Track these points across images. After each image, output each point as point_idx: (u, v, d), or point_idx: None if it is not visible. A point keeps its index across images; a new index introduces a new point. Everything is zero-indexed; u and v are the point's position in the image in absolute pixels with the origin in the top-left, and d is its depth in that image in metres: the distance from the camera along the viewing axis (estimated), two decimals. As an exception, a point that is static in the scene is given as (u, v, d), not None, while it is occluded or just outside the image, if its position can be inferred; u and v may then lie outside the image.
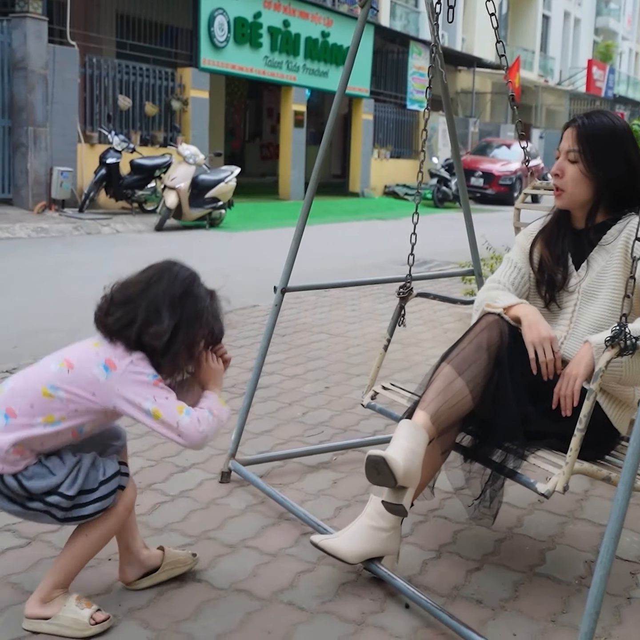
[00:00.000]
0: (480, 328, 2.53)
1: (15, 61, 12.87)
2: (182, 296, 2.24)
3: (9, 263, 9.09)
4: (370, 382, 3.12)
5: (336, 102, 3.27)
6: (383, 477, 2.36)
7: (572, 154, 2.58)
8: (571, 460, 2.23)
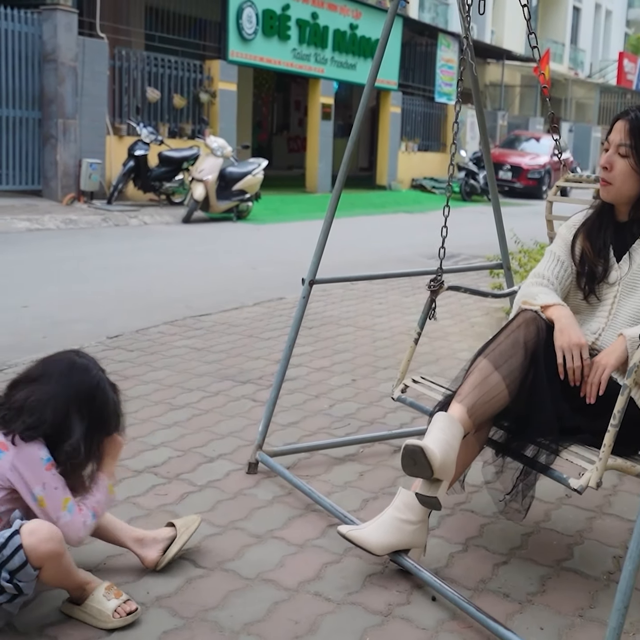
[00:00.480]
0: (517, 324, 2.52)
1: (46, 53, 12.95)
2: (91, 395, 2.22)
3: (38, 254, 9.17)
4: (400, 376, 3.11)
5: (365, 94, 3.27)
6: (419, 468, 2.35)
7: (623, 148, 2.54)
8: (605, 456, 2.21)
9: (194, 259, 9.34)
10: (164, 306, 6.49)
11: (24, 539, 2.06)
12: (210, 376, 4.56)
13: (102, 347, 5.07)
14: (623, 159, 2.55)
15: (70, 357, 2.27)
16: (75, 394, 2.18)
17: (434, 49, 24.14)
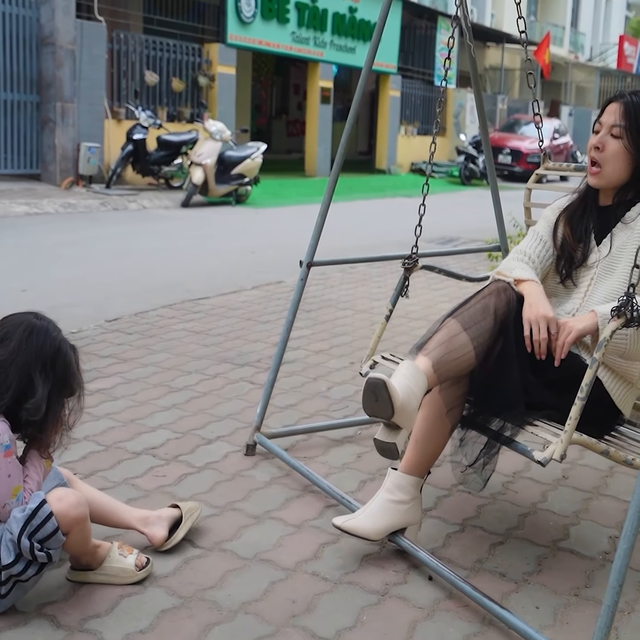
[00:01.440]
0: (489, 291, 2.50)
1: (44, 36, 12.90)
2: (53, 357, 2.21)
3: (37, 238, 9.16)
4: (370, 352, 3.09)
5: (363, 78, 3.26)
6: (381, 405, 2.28)
7: (617, 129, 2.52)
8: (570, 429, 2.18)
9: (193, 243, 9.33)
10: (163, 290, 6.49)
11: (54, 505, 2.12)
12: (209, 359, 4.57)
13: (100, 331, 5.07)
14: (616, 140, 2.53)
15: (29, 319, 2.26)
16: (37, 356, 2.18)
17: (434, 32, 24.02)
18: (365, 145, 26.85)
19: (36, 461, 2.27)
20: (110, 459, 3.19)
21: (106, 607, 2.23)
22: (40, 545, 2.09)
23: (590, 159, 2.60)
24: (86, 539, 2.27)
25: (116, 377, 4.18)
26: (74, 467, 3.07)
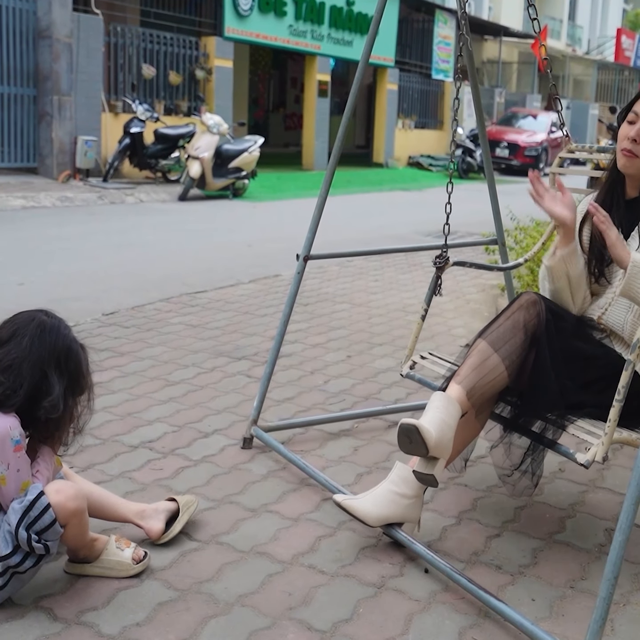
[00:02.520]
0: (518, 306, 2.52)
1: (40, 29, 12.86)
2: (66, 354, 2.21)
3: (34, 232, 9.15)
4: (408, 352, 3.10)
5: (359, 71, 3.25)
6: (415, 446, 2.36)
7: None
8: (610, 431, 2.23)
9: (190, 236, 9.32)
10: (160, 283, 6.49)
11: (52, 497, 2.12)
12: (206, 352, 4.57)
13: (97, 324, 5.07)
14: None
15: (40, 317, 2.24)
16: (50, 353, 2.18)
17: (431, 26, 23.98)
18: (362, 138, 26.80)
19: (48, 457, 2.27)
20: (107, 453, 3.19)
21: (103, 600, 2.24)
22: (37, 537, 2.10)
23: (624, 149, 2.56)
24: (83, 531, 2.28)
25: (113, 371, 4.18)
26: (71, 461, 3.07)
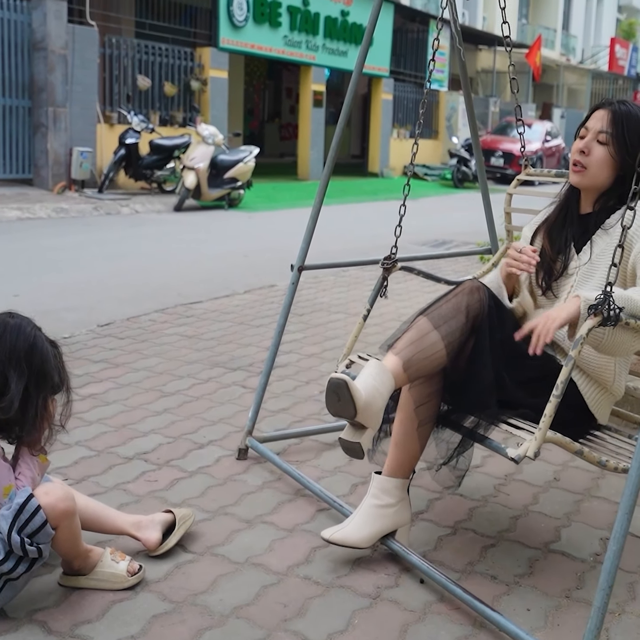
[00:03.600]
0: (461, 289, 2.50)
1: (35, 41, 12.89)
2: (28, 353, 2.21)
3: (29, 243, 9.15)
4: (346, 351, 3.10)
5: (353, 81, 3.27)
6: (343, 405, 2.28)
7: (603, 135, 2.53)
8: (544, 426, 2.17)
9: (186, 247, 9.33)
10: (155, 294, 6.49)
11: (41, 499, 2.12)
12: (201, 363, 4.57)
13: (92, 335, 5.07)
14: (602, 146, 2.53)
15: (2, 318, 2.26)
16: (9, 354, 2.18)
17: (426, 36, 24.05)
18: (358, 148, 26.86)
19: (27, 458, 2.27)
20: (102, 464, 3.19)
21: (97, 613, 2.23)
22: (30, 540, 2.09)
23: (574, 161, 2.61)
24: (75, 536, 2.26)
25: (108, 382, 4.18)
26: (66, 473, 3.07)
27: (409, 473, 2.60)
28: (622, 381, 2.52)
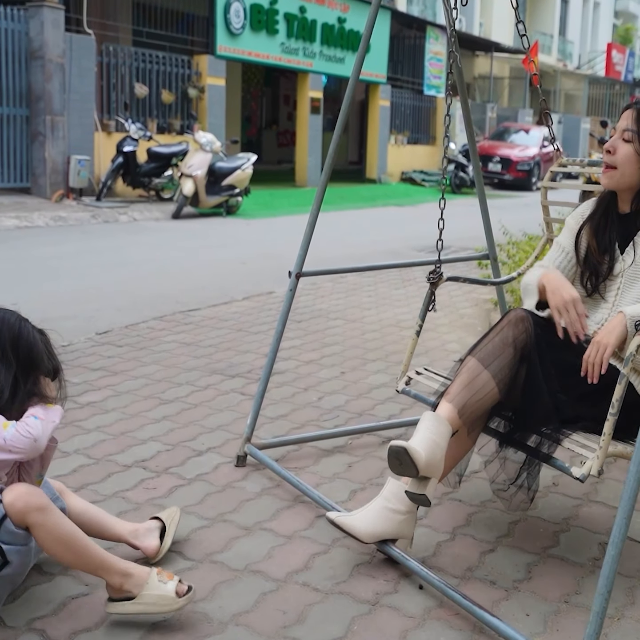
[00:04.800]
0: (506, 322, 2.53)
1: (33, 50, 12.91)
2: (13, 342, 2.24)
3: (28, 251, 9.15)
4: (404, 368, 3.11)
5: (349, 88, 3.27)
6: (405, 468, 2.38)
7: (628, 133, 2.57)
8: (605, 444, 2.24)
9: (184, 254, 9.34)
10: (154, 302, 6.49)
11: (3, 496, 2.11)
12: (199, 370, 4.57)
13: (91, 343, 5.07)
14: (627, 144, 2.58)
15: None
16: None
17: (423, 42, 24.11)
18: (355, 154, 26.89)
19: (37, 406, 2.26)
20: (101, 472, 3.19)
21: (96, 621, 2.23)
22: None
23: (604, 162, 2.65)
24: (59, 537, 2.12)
25: (107, 390, 4.18)
26: (65, 481, 3.06)
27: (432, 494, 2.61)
28: None
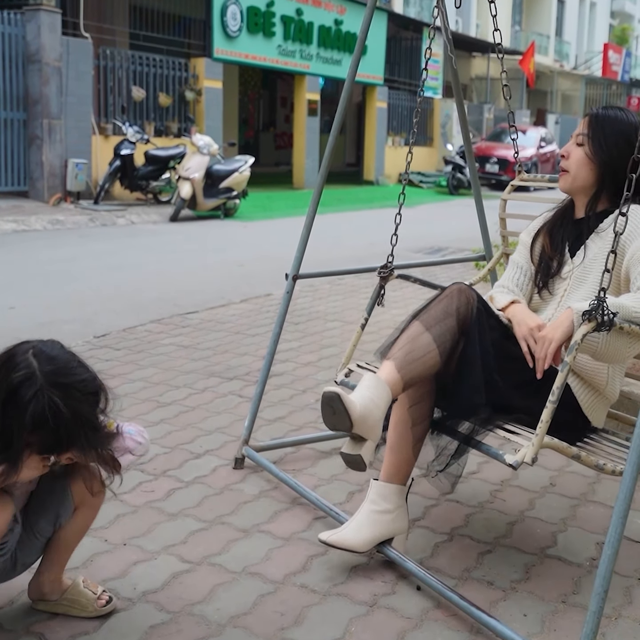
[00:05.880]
0: (449, 292, 2.51)
1: (30, 54, 12.92)
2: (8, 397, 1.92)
3: (26, 255, 9.16)
4: (345, 360, 3.11)
5: (345, 90, 3.28)
6: (338, 418, 2.28)
7: (580, 137, 2.63)
8: (541, 432, 2.19)
9: (182, 257, 9.34)
10: (151, 304, 6.49)
11: None
12: (197, 373, 4.57)
13: (89, 347, 5.07)
14: (579, 148, 2.63)
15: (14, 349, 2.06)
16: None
17: (419, 44, 24.13)
18: (353, 156, 26.93)
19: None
20: (99, 475, 3.19)
21: (94, 624, 2.23)
22: None
23: (560, 166, 2.70)
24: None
25: (105, 393, 4.17)
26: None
27: (406, 479, 2.61)
28: (617, 385, 2.54)
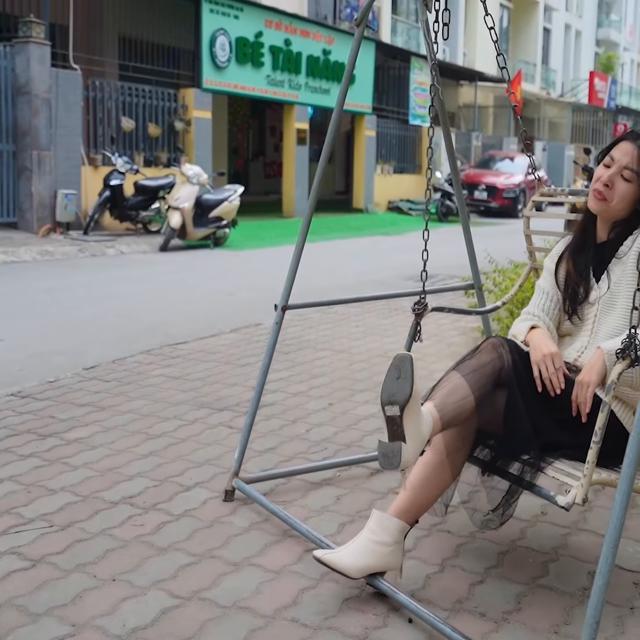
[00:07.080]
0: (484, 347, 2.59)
1: (19, 86, 12.97)
2: None
3: (15, 286, 9.14)
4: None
5: (334, 118, 3.31)
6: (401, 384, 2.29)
7: (628, 172, 2.58)
8: (589, 472, 2.26)
9: (172, 286, 9.34)
10: (141, 335, 6.48)
11: None
12: (187, 404, 4.56)
13: (78, 379, 5.05)
14: (626, 182, 2.59)
15: None
16: None
17: (407, 72, 24.36)
18: (342, 184, 27.04)
19: None
20: (88, 510, 3.16)
21: (83, 662, 2.21)
22: None
23: (596, 189, 2.64)
24: None
25: (94, 426, 4.16)
26: (51, 519, 3.05)
27: (413, 520, 2.61)
28: None
